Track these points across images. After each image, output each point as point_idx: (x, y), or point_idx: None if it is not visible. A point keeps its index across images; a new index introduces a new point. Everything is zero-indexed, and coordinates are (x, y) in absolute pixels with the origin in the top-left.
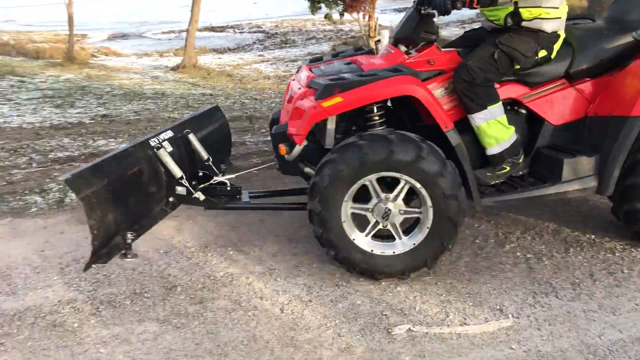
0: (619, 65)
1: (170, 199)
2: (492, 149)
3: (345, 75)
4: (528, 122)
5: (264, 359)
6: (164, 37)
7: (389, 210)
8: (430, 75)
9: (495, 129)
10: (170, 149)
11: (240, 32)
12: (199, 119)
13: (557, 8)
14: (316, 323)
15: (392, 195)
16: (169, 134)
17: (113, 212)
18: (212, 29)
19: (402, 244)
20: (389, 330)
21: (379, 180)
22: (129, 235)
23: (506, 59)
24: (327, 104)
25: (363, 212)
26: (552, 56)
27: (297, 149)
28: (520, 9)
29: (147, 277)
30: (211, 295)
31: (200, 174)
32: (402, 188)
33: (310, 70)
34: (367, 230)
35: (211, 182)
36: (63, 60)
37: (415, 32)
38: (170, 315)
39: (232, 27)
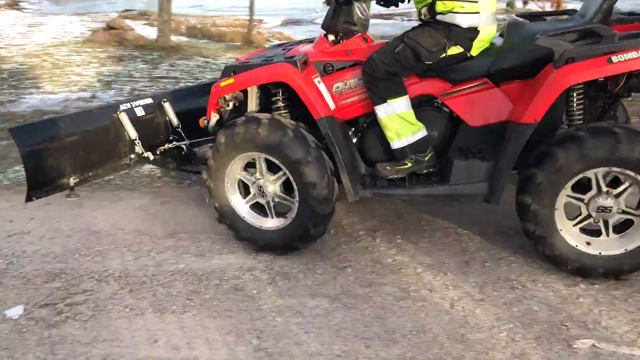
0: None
1: (132, 156)
2: (394, 143)
3: (254, 59)
4: (451, 121)
5: (433, 352)
6: None
7: (263, 185)
8: (345, 65)
9: (396, 124)
10: (142, 113)
11: (408, 20)
12: (191, 90)
13: (475, 2)
14: (488, 324)
15: (257, 173)
16: (148, 100)
17: (55, 159)
18: (381, 16)
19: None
20: (570, 343)
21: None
22: (72, 179)
23: (410, 53)
24: (223, 83)
25: (257, 201)
26: (472, 53)
27: (210, 122)
28: (437, 2)
29: (318, 255)
30: (380, 280)
31: (170, 138)
32: (260, 162)
33: (253, 54)
34: (269, 214)
35: (169, 145)
36: (242, 44)
37: (333, 22)
38: (341, 294)
39: (400, 15)
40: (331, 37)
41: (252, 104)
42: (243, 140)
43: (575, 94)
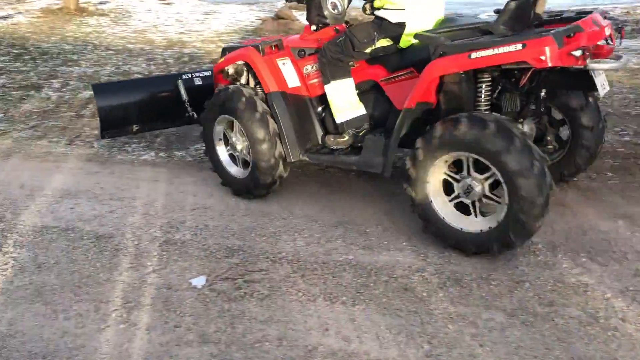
0: None
1: (187, 114)
2: (336, 118)
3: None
4: (387, 104)
5: None
6: None
7: (235, 144)
8: (314, 51)
9: (338, 102)
10: (199, 83)
11: None
12: None
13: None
14: None
15: (234, 138)
16: (208, 73)
17: (123, 110)
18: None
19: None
20: None
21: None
22: (135, 127)
23: (348, 43)
24: (219, 61)
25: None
26: (401, 45)
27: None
28: None
29: (492, 265)
30: (562, 300)
31: None
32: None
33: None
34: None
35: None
36: None
37: (308, 15)
38: (518, 310)
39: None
40: (313, 27)
41: (252, 79)
42: (212, 107)
43: (483, 85)
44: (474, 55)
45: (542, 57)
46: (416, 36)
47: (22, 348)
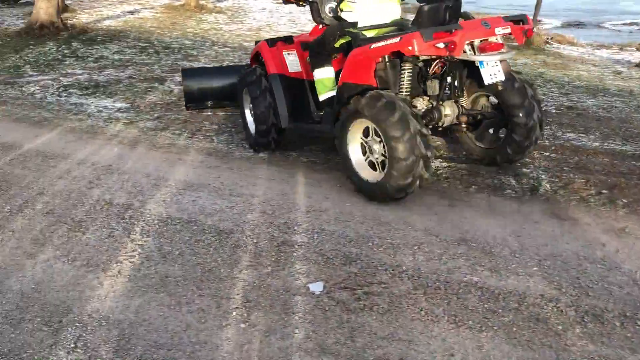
0: None
1: None
2: (319, 97)
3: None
4: None
5: None
6: (624, 29)
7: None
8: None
9: (319, 84)
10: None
11: None
12: None
13: (354, 3)
14: None
15: (249, 106)
16: None
17: (203, 90)
18: None
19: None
20: None
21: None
22: (209, 103)
23: (321, 40)
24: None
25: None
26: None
27: None
28: (342, 2)
29: (637, 303)
30: None
31: None
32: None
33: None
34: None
35: None
36: (520, 45)
37: (312, 15)
38: None
39: None
40: (320, 26)
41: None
42: (240, 81)
43: (406, 72)
44: (372, 46)
45: (410, 48)
46: (344, 32)
47: (148, 337)
